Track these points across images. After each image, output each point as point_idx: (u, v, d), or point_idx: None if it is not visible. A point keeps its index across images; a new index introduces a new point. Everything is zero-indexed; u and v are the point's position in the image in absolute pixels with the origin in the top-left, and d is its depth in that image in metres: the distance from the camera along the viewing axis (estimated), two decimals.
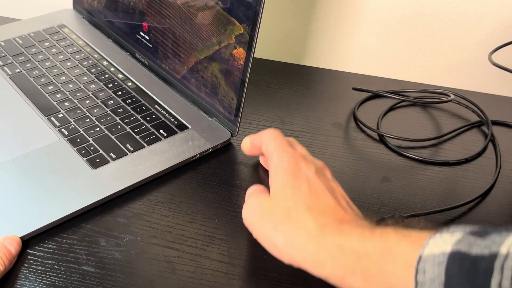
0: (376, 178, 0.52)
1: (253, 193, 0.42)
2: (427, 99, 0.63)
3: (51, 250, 0.41)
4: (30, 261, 0.40)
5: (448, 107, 0.63)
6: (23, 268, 0.40)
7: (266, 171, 0.51)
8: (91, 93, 0.58)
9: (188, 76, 0.56)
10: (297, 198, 0.38)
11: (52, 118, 0.53)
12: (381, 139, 0.57)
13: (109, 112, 0.55)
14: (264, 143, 0.45)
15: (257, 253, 0.42)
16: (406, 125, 0.60)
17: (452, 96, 0.58)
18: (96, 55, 0.65)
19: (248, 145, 0.48)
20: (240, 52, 0.49)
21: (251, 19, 0.46)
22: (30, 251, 0.41)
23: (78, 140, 0.51)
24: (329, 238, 0.36)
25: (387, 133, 0.57)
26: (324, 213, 0.38)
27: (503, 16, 0.67)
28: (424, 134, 0.59)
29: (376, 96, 0.64)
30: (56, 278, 0.39)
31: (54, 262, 0.40)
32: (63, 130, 0.52)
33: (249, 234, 0.44)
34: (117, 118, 0.54)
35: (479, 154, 0.56)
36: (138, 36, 0.62)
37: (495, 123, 0.61)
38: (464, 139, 0.59)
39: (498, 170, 0.54)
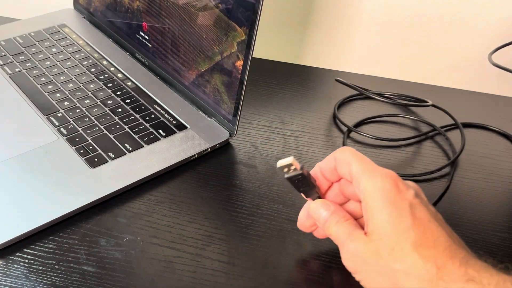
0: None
1: (346, 234, 0.36)
2: (406, 102, 0.61)
3: (51, 250, 0.41)
4: (30, 261, 0.40)
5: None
6: (23, 268, 0.40)
7: (266, 171, 0.51)
8: (91, 93, 0.58)
9: (187, 76, 0.56)
10: (400, 235, 0.32)
11: (51, 117, 0.53)
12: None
13: (108, 111, 0.55)
14: (342, 163, 0.37)
15: (257, 253, 0.42)
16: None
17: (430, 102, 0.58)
18: (96, 55, 0.65)
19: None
20: (238, 52, 0.49)
21: (250, 19, 0.46)
22: (30, 251, 0.41)
23: (77, 139, 0.51)
24: (453, 285, 0.31)
25: (365, 133, 0.57)
26: (436, 251, 0.32)
27: (503, 16, 0.67)
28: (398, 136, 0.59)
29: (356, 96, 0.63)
30: (56, 278, 0.39)
31: (54, 262, 0.40)
32: (62, 129, 0.52)
33: (249, 234, 0.44)
34: (116, 118, 0.54)
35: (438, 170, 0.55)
36: (138, 36, 0.62)
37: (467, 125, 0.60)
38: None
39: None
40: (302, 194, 0.39)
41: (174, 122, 0.54)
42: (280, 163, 0.36)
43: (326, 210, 0.38)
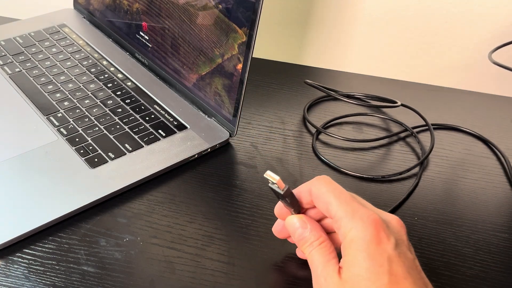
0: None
1: (320, 264, 0.36)
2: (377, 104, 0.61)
3: (51, 250, 0.41)
4: (30, 261, 0.40)
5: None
6: (23, 268, 0.40)
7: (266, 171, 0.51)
8: (91, 93, 0.58)
9: (187, 77, 0.56)
10: None
11: (51, 118, 0.53)
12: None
13: (108, 111, 0.55)
14: (319, 201, 0.37)
15: (257, 253, 0.42)
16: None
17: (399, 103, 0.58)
18: (96, 55, 0.65)
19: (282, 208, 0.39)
20: (239, 54, 0.49)
21: (250, 19, 0.46)
22: (30, 251, 0.41)
23: (77, 139, 0.51)
24: None
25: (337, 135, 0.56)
26: None
27: (503, 16, 0.67)
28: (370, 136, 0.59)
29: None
30: (56, 278, 0.39)
31: (54, 262, 0.40)
32: (62, 129, 0.52)
33: (249, 234, 0.44)
34: (116, 118, 0.54)
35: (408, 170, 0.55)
36: (138, 36, 0.62)
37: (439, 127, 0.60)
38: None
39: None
40: (282, 204, 0.39)
41: (174, 122, 0.54)
42: (268, 174, 0.36)
43: (302, 227, 0.37)
